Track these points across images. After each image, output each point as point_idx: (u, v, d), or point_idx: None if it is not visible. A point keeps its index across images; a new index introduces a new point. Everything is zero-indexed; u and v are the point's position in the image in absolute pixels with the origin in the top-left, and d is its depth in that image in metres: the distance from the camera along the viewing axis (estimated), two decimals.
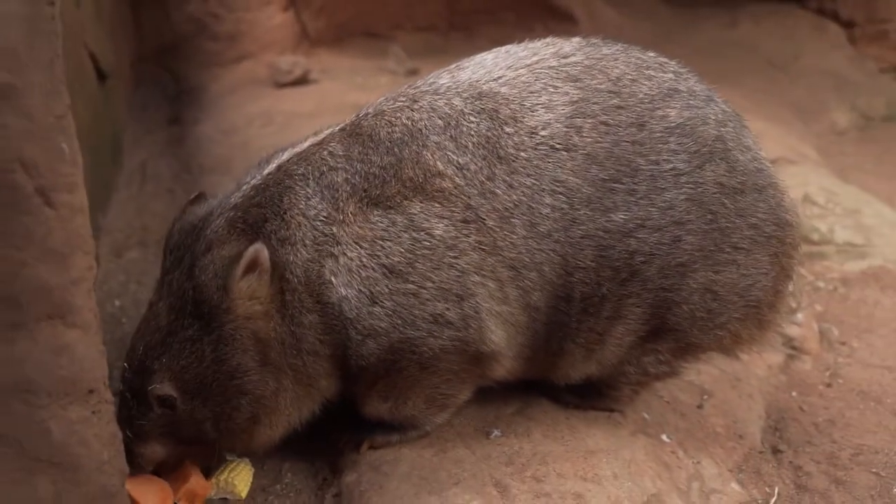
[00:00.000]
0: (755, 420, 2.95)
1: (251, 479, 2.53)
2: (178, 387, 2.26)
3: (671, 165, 2.36)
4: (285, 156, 2.41)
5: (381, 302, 2.26)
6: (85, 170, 3.40)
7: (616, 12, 7.15)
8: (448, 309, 2.29)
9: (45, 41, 1.66)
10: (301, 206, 2.28)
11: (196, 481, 2.43)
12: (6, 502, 1.75)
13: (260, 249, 2.19)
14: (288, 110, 5.36)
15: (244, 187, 2.37)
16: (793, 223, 2.55)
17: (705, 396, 2.98)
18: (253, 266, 2.20)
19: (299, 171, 2.33)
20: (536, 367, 2.53)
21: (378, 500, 2.32)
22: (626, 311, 2.41)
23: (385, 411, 2.47)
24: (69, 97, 1.74)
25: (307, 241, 2.26)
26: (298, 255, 2.26)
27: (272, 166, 2.39)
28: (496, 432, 2.55)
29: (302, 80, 5.92)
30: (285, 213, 2.28)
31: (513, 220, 2.30)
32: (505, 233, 2.30)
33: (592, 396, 2.67)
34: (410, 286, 2.27)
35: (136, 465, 2.36)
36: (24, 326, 1.71)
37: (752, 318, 2.53)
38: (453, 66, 2.56)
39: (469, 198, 2.30)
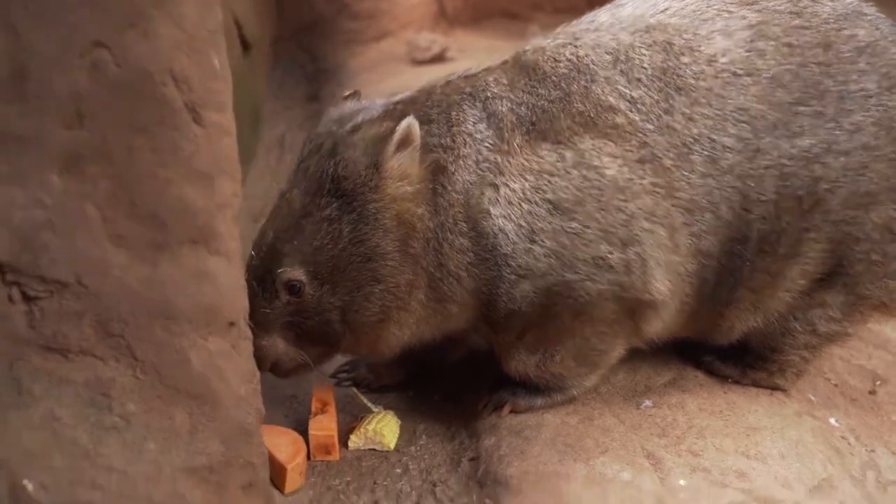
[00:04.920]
0: None
1: (398, 431, 2.46)
2: (308, 271, 2.15)
3: (860, 87, 2.20)
4: (451, 77, 2.33)
5: (541, 240, 2.14)
6: None
7: None
8: (611, 252, 2.15)
9: None
10: (469, 127, 2.20)
11: (328, 434, 2.37)
12: (144, 431, 1.69)
13: (412, 123, 2.10)
14: None
15: (406, 92, 2.32)
16: None
17: (878, 382, 2.70)
18: (406, 142, 2.11)
19: (466, 90, 2.25)
20: (697, 322, 2.35)
21: (519, 465, 2.18)
22: (805, 247, 2.24)
23: (532, 366, 2.32)
24: (221, 13, 1.68)
25: (470, 163, 2.17)
26: (460, 171, 2.17)
27: (438, 82, 2.32)
28: (647, 402, 2.37)
29: (439, 58, 5.84)
30: (452, 126, 2.20)
31: (692, 156, 2.16)
32: (682, 172, 2.15)
33: (755, 368, 2.46)
34: (574, 225, 2.13)
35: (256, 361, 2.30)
36: (167, 248, 1.65)
37: None
38: (608, 5, 2.44)
39: (645, 135, 2.16)
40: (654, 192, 2.15)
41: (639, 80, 2.19)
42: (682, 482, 2.07)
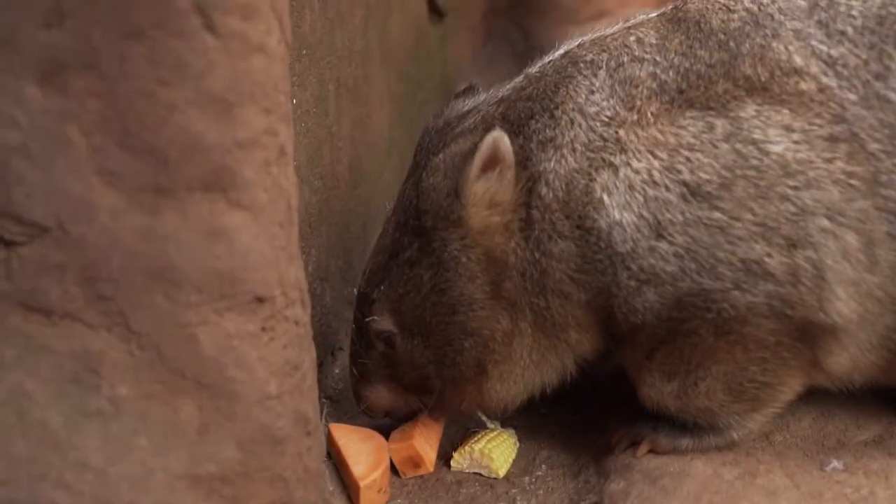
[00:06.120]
0: None
1: (513, 456, 2.04)
2: (397, 321, 1.84)
3: None
4: (577, 41, 1.88)
5: (671, 235, 1.65)
6: (397, 95, 3.07)
7: None
8: (769, 255, 1.62)
9: None
10: (579, 101, 1.75)
11: (420, 445, 1.98)
12: (136, 422, 1.35)
13: (499, 138, 1.69)
14: None
15: (519, 77, 1.90)
16: None
17: None
18: (493, 162, 1.69)
19: (587, 58, 1.80)
20: None
21: None
22: None
23: (669, 396, 1.82)
24: None
25: (577, 146, 1.72)
26: (562, 162, 1.72)
27: (558, 52, 1.89)
28: (835, 463, 1.79)
29: None
30: (556, 107, 1.76)
31: None
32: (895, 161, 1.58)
33: None
34: (718, 216, 1.63)
35: (365, 412, 2.01)
36: (172, 194, 1.29)
37: None
38: None
39: (842, 106, 1.64)
40: (846, 184, 1.62)
41: (843, 33, 1.69)
42: None
